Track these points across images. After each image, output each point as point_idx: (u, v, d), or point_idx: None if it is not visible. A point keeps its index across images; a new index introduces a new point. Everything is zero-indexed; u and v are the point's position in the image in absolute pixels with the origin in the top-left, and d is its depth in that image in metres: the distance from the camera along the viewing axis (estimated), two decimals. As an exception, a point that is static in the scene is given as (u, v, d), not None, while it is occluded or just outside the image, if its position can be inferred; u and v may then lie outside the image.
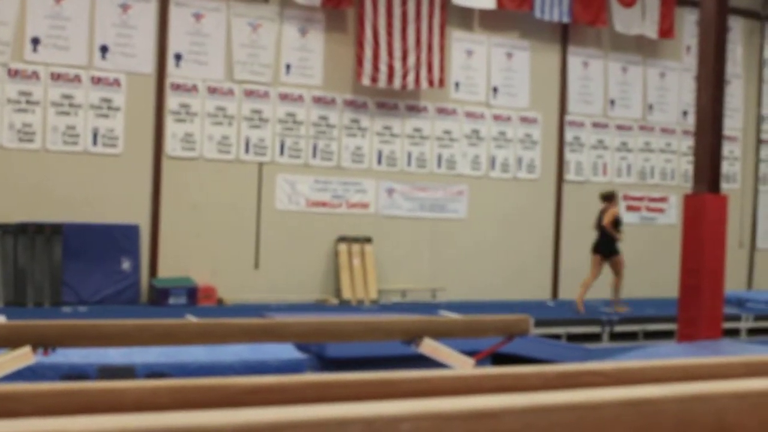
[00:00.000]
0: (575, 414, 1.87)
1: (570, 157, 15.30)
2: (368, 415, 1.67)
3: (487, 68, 14.62)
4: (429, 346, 5.79)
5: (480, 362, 6.19)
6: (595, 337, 11.78)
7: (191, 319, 6.70)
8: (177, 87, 12.46)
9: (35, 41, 11.66)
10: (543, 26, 14.80)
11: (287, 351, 7.75)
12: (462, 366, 5.64)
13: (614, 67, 15.69)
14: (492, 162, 14.63)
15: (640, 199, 15.92)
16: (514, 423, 1.79)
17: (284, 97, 13.13)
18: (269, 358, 7.50)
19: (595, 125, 15.55)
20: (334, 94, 13.46)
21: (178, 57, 12.47)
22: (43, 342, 4.86)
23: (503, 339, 6.38)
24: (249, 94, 12.90)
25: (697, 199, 9.45)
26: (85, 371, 6.81)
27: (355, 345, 7.90)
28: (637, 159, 15.93)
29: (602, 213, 12.43)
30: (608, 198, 12.51)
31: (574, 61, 15.33)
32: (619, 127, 15.76)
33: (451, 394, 2.23)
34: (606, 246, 12.36)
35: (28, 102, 11.63)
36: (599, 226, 12.41)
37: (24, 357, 4.78)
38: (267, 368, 7.30)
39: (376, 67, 13.35)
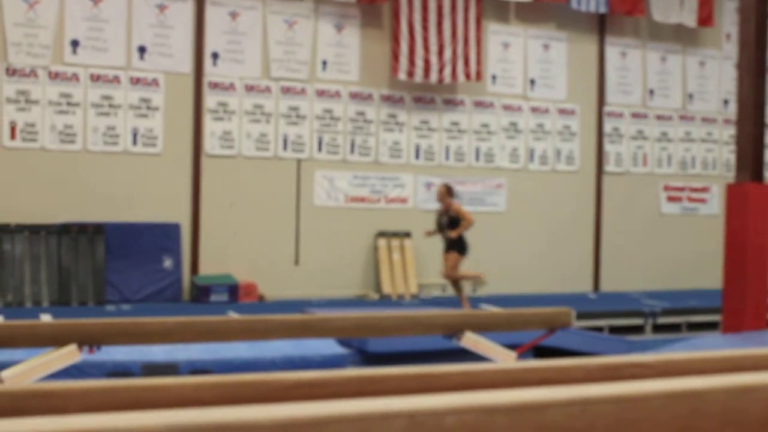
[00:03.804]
0: (619, 406, 1.86)
1: (609, 148, 15.16)
2: (411, 408, 1.67)
3: (524, 60, 14.53)
4: (471, 340, 5.78)
5: (522, 355, 6.17)
6: (637, 329, 11.68)
7: (233, 315, 6.76)
8: (215, 85, 12.54)
9: (74, 43, 11.79)
10: (580, 17, 14.68)
11: (329, 346, 7.77)
12: (504, 359, 5.63)
13: (653, 57, 15.52)
14: (530, 154, 14.55)
15: (682, 189, 15.74)
16: (558, 416, 1.79)
17: (321, 94, 13.16)
18: (311, 354, 7.53)
19: (635, 116, 15.39)
20: (371, 90, 13.47)
21: (215, 56, 12.55)
22: (88, 340, 4.92)
23: (545, 332, 6.36)
24: (286, 91, 12.94)
25: (740, 188, 9.32)
26: (130, 368, 6.89)
27: (397, 339, 7.90)
28: (677, 149, 15.75)
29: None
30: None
31: (612, 52, 15.18)
32: (659, 117, 15.59)
33: (493, 387, 2.22)
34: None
35: (68, 104, 11.76)
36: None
37: (70, 355, 4.85)
38: (309, 363, 7.32)
39: (412, 62, 13.33)
